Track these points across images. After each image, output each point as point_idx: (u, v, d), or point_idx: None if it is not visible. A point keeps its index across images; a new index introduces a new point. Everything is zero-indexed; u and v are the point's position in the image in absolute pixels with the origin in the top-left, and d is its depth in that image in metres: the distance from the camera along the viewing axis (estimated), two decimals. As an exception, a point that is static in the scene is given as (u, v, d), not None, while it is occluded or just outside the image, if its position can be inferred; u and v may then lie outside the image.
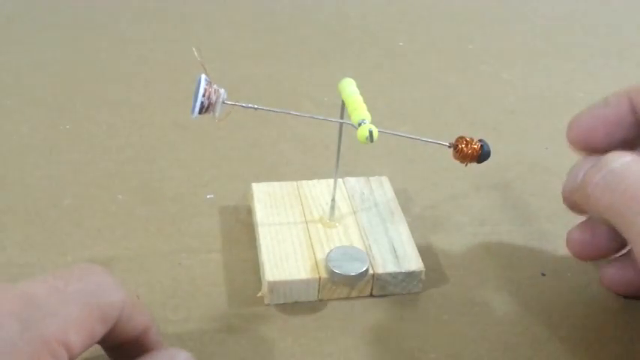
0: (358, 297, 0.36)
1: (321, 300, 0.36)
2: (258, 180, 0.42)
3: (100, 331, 0.25)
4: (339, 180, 0.41)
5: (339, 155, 0.36)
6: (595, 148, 0.32)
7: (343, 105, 0.33)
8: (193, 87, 0.29)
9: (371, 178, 0.42)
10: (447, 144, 0.32)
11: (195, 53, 0.28)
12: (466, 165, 0.32)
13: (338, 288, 0.35)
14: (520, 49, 0.65)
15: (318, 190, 0.41)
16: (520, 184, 0.45)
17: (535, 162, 0.48)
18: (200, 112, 0.29)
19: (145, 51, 0.61)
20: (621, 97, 0.32)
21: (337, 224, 0.38)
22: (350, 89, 0.32)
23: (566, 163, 0.48)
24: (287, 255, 0.36)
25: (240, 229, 0.40)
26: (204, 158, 0.47)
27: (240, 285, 0.36)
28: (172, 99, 0.53)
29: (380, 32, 0.67)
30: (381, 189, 0.41)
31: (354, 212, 0.39)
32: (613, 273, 0.35)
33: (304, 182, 0.42)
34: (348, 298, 0.36)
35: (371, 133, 0.29)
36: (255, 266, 0.37)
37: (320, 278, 0.35)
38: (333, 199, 0.38)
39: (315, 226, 0.38)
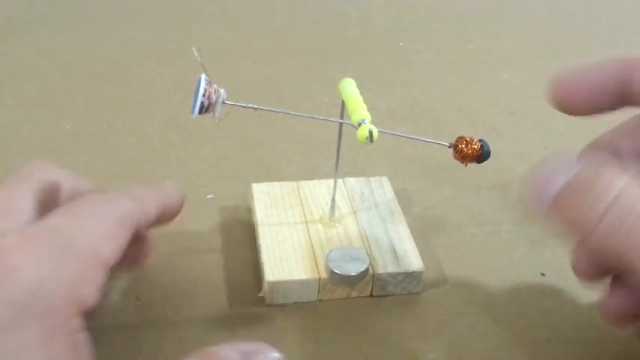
0: (358, 297, 0.36)
1: (321, 300, 0.36)
2: (258, 180, 0.42)
3: (126, 236, 0.28)
4: (340, 180, 0.41)
5: (339, 155, 0.36)
6: (573, 113, 0.30)
7: (343, 105, 0.33)
8: (193, 87, 0.29)
9: (371, 179, 0.42)
10: (447, 144, 0.31)
11: (195, 53, 0.28)
12: (466, 165, 0.32)
13: (338, 288, 0.35)
14: (520, 49, 0.65)
15: (318, 190, 0.41)
16: (520, 184, 0.45)
17: (535, 162, 0.48)
18: (200, 112, 0.29)
19: (145, 51, 0.61)
20: (611, 66, 0.29)
21: (337, 224, 0.38)
22: (350, 89, 0.32)
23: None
24: (287, 255, 0.36)
25: (240, 229, 0.40)
26: (204, 158, 0.47)
27: (240, 285, 0.36)
28: (172, 99, 0.53)
29: (380, 32, 0.67)
30: (381, 189, 0.41)
31: (354, 212, 0.39)
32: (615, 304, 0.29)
33: (304, 182, 0.41)
34: (348, 298, 0.36)
35: (371, 133, 0.29)
36: (255, 266, 0.37)
37: (320, 278, 0.35)
38: (333, 200, 0.38)
39: (315, 226, 0.38)
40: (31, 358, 0.23)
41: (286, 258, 0.36)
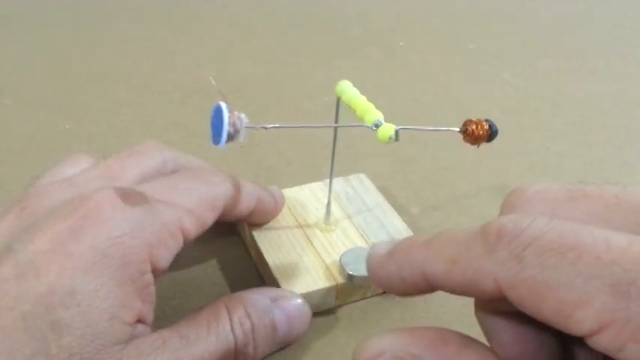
0: (362, 299, 0.36)
1: (338, 306, 0.35)
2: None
3: (211, 218, 0.31)
4: (320, 183, 0.41)
5: (334, 158, 0.35)
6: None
7: (337, 108, 0.33)
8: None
9: (350, 177, 0.41)
10: (458, 129, 0.32)
11: (213, 82, 0.27)
12: (478, 146, 0.32)
13: (354, 291, 0.35)
14: (520, 49, 0.65)
15: (303, 195, 0.40)
16: (520, 185, 0.45)
17: (535, 162, 0.48)
18: (227, 140, 0.28)
19: (145, 51, 0.61)
20: (415, 272, 0.23)
21: (334, 228, 0.38)
22: (352, 91, 0.32)
23: (566, 163, 0.48)
24: (297, 266, 0.35)
25: (241, 229, 0.40)
26: (204, 158, 0.47)
27: (240, 285, 0.36)
28: (172, 99, 0.53)
29: (380, 32, 0.67)
30: (362, 186, 0.41)
31: (346, 213, 0.39)
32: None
33: (287, 190, 0.40)
34: (362, 299, 0.36)
35: (397, 132, 0.29)
36: (255, 266, 0.37)
37: (337, 285, 0.34)
38: (328, 203, 0.37)
39: (313, 232, 0.37)
40: (105, 300, 0.26)
41: (297, 269, 0.35)
